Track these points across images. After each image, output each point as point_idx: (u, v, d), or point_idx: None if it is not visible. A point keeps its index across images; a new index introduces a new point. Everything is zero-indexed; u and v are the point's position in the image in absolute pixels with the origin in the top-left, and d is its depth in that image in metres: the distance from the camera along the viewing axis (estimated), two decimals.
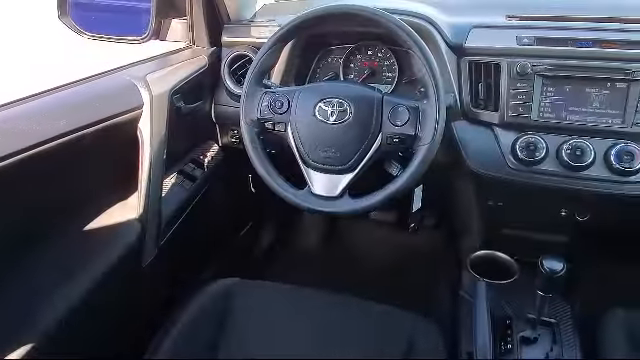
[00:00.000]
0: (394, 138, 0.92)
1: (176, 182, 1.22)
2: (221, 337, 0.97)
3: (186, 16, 1.28)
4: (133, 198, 1.07)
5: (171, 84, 1.11)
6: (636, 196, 0.96)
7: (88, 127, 0.90)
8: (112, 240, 1.01)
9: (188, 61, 1.23)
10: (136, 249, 1.05)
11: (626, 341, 0.92)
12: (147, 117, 1.03)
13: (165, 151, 1.09)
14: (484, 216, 1.27)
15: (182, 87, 1.15)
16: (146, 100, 1.02)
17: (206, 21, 1.27)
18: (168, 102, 1.09)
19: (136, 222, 1.04)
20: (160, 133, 1.07)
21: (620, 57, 0.96)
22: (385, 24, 0.90)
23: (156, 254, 1.11)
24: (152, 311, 1.13)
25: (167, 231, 1.16)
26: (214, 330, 0.98)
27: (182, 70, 1.19)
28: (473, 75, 1.05)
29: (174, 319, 0.98)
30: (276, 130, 0.99)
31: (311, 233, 1.92)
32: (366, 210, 0.94)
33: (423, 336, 0.96)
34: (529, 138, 1.00)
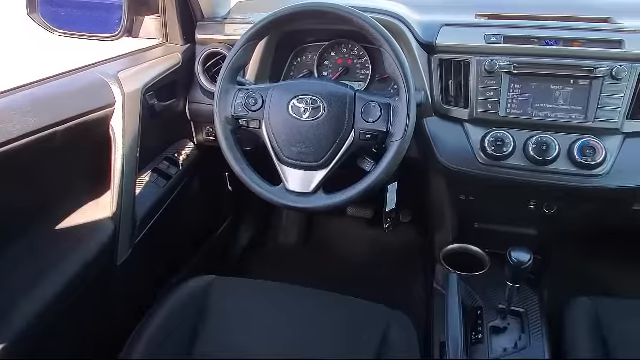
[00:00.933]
0: (366, 134, 0.93)
1: (150, 180, 1.21)
2: (198, 334, 0.97)
3: (159, 13, 1.27)
4: (106, 196, 1.06)
5: (144, 81, 1.11)
6: (597, 189, 1.00)
7: (58, 125, 0.88)
8: (85, 239, 1.00)
9: (161, 58, 1.22)
10: (110, 248, 1.04)
11: (589, 327, 0.96)
12: (119, 115, 1.02)
13: (138, 149, 1.08)
14: (456, 210, 1.30)
15: (155, 84, 1.15)
16: (118, 97, 1.01)
17: (179, 18, 1.26)
18: (141, 99, 1.09)
19: (109, 221, 1.04)
20: (133, 131, 1.06)
21: (582, 55, 1.00)
22: (356, 22, 0.92)
23: (130, 252, 1.10)
24: (128, 309, 1.12)
25: (142, 229, 1.15)
26: (190, 327, 0.98)
27: (155, 67, 1.18)
28: (443, 72, 1.07)
29: (150, 317, 0.98)
30: (250, 127, 0.99)
31: (289, 230, 1.93)
32: (340, 205, 0.95)
33: (397, 328, 0.98)
34: (497, 133, 1.02)
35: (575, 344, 0.95)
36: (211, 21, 1.29)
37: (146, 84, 1.11)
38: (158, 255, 1.31)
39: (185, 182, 1.33)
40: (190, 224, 1.49)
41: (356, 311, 1.04)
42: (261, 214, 1.89)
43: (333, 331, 0.99)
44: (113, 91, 1.01)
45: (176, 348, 0.94)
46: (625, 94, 0.97)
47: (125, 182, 1.05)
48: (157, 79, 1.16)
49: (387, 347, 0.95)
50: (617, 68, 0.96)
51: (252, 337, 0.98)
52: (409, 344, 0.96)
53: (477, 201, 1.22)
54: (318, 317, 1.02)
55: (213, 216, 1.67)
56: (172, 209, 1.27)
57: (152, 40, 1.32)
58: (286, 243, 1.90)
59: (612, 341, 0.95)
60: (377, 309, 1.03)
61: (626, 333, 0.96)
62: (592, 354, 0.93)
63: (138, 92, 1.08)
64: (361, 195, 0.94)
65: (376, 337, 0.97)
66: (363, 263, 1.75)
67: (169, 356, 0.93)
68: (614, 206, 1.14)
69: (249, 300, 1.06)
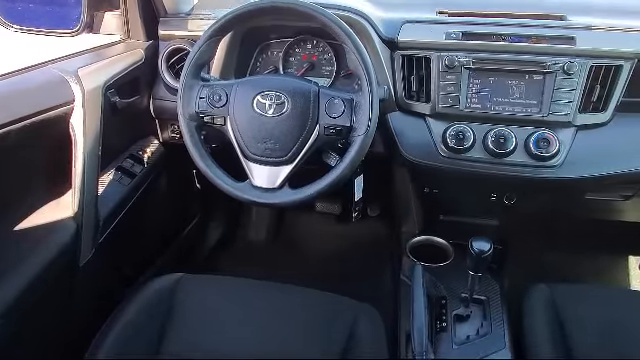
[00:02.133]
0: (331, 129, 0.95)
1: (114, 179, 1.19)
2: (166, 332, 0.97)
3: (120, 9, 1.25)
4: (67, 196, 1.03)
5: (105, 78, 1.08)
6: (552, 179, 1.04)
7: (14, 123, 0.86)
8: (45, 240, 0.98)
9: (123, 55, 1.20)
10: (72, 248, 1.02)
11: (546, 312, 1.01)
12: (79, 112, 0.99)
13: (100, 147, 1.06)
14: (422, 203, 1.33)
15: (117, 81, 1.13)
16: (78, 95, 0.99)
17: (141, 14, 1.24)
18: (102, 97, 1.06)
19: (71, 221, 1.01)
20: (94, 129, 1.04)
21: (537, 51, 1.04)
22: (318, 18, 0.93)
23: (94, 253, 1.08)
24: (93, 310, 1.10)
25: (106, 229, 1.13)
26: (159, 326, 0.98)
27: (117, 64, 1.16)
28: (406, 68, 1.10)
29: (116, 316, 0.97)
30: (215, 123, 0.99)
31: (259, 227, 1.93)
32: (306, 200, 0.96)
33: (364, 320, 1.00)
34: (458, 127, 1.05)
35: (534, 329, 0.99)
36: (174, 17, 1.28)
37: (107, 81, 1.09)
38: (124, 255, 1.29)
39: (151, 180, 1.31)
40: (157, 223, 1.48)
41: (324, 305, 1.05)
42: (230, 212, 1.88)
43: (301, 325, 1.00)
44: (72, 88, 0.99)
45: (144, 346, 0.94)
46: (577, 89, 1.01)
47: (87, 181, 1.03)
48: (119, 76, 1.14)
49: (355, 339, 0.96)
50: (569, 64, 1.00)
51: (220, 334, 0.98)
52: (376, 336, 0.98)
53: (441, 194, 1.26)
54: (286, 312, 1.03)
55: (181, 214, 1.65)
56: (137, 208, 1.25)
57: (114, 36, 1.30)
58: (256, 240, 1.90)
59: (568, 325, 0.99)
60: (345, 302, 1.04)
61: (581, 317, 1.01)
62: (550, 338, 0.97)
63: (99, 89, 1.06)
64: (326, 189, 0.95)
65: (344, 330, 0.98)
66: (332, 258, 1.77)
67: (137, 355, 0.92)
68: (569, 196, 1.19)
69: (217, 297, 1.06)
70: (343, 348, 0.95)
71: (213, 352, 0.94)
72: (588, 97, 1.03)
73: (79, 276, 1.06)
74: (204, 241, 1.80)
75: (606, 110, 1.03)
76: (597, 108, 1.04)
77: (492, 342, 1.06)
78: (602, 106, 1.03)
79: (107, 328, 0.95)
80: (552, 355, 0.94)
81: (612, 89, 1.02)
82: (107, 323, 0.96)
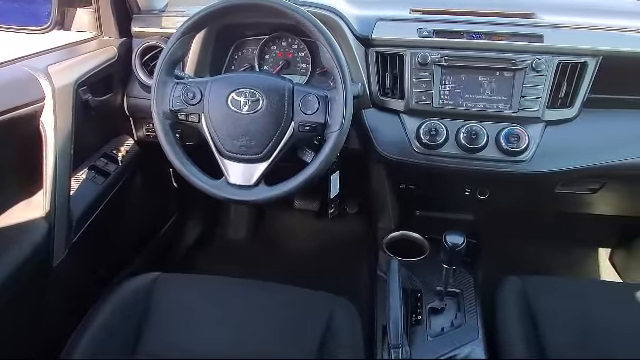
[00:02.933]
0: (306, 126, 0.95)
1: (87, 178, 1.17)
2: (142, 332, 0.96)
3: (92, 5, 1.23)
4: (38, 196, 1.02)
5: (76, 76, 1.07)
6: (522, 173, 1.07)
7: None
8: (16, 240, 0.96)
9: (95, 52, 1.19)
10: (44, 248, 1.00)
11: (518, 304, 1.03)
12: (50, 111, 0.98)
13: (72, 146, 1.05)
14: (397, 199, 1.35)
15: (89, 79, 1.11)
16: (48, 93, 0.98)
17: (114, 11, 1.23)
18: (73, 95, 1.05)
19: (43, 221, 1.00)
20: (65, 127, 1.02)
21: (507, 48, 1.06)
22: (292, 15, 0.93)
23: (68, 253, 1.07)
24: (68, 310, 1.09)
25: (79, 228, 1.11)
26: (135, 325, 0.97)
27: (89, 61, 1.15)
28: (380, 65, 1.11)
29: (92, 316, 0.96)
30: (189, 121, 0.99)
31: (237, 225, 1.93)
32: (281, 197, 0.97)
33: (341, 315, 1.01)
34: (431, 124, 1.07)
35: (506, 320, 1.02)
36: (148, 14, 1.26)
37: (79, 79, 1.07)
38: (99, 255, 1.28)
39: (125, 179, 1.30)
40: (133, 222, 1.46)
41: (301, 300, 1.06)
42: (208, 210, 1.87)
43: (278, 321, 1.01)
44: (42, 86, 0.97)
45: (120, 347, 0.93)
46: (545, 85, 1.04)
47: (59, 180, 1.02)
48: (91, 73, 1.12)
49: (331, 333, 0.97)
50: (537, 61, 1.03)
51: (197, 333, 0.98)
52: (353, 330, 0.99)
53: (417, 189, 1.27)
54: (263, 308, 1.03)
55: (158, 213, 1.63)
56: (112, 207, 1.24)
57: (86, 34, 1.28)
58: (234, 238, 1.89)
59: (539, 316, 1.02)
60: (322, 297, 1.05)
61: (551, 308, 1.03)
62: (522, 329, 0.99)
63: (70, 87, 1.05)
64: (302, 186, 0.96)
65: (321, 324, 0.99)
66: (311, 254, 1.78)
67: (112, 355, 0.91)
68: (539, 189, 1.22)
69: (194, 296, 1.06)
70: (320, 342, 0.96)
71: (190, 351, 0.94)
72: (556, 93, 1.06)
73: (52, 277, 1.04)
74: (182, 240, 1.79)
75: (573, 106, 1.06)
76: (564, 104, 1.06)
77: (466, 333, 1.08)
78: (569, 102, 1.06)
79: (82, 328, 0.94)
80: (524, 343, 0.96)
81: (578, 85, 1.05)
82: (82, 323, 0.95)
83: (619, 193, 1.31)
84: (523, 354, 0.95)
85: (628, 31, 1.09)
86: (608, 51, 1.04)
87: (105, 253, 1.32)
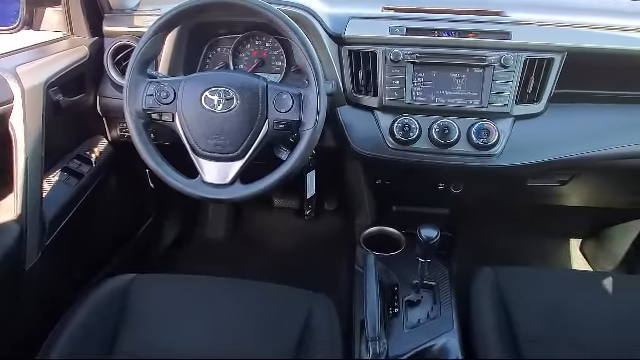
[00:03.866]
0: (280, 124, 0.96)
1: (60, 180, 1.16)
2: (119, 333, 0.96)
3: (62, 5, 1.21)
4: (9, 199, 1.00)
5: (46, 76, 1.05)
6: (493, 167, 1.09)
7: None
8: None
9: (66, 52, 1.17)
10: (16, 252, 0.99)
11: (490, 293, 1.06)
12: (19, 112, 0.96)
13: (43, 147, 1.03)
14: (374, 195, 1.36)
15: (60, 79, 1.10)
16: (17, 93, 0.96)
17: (84, 10, 1.21)
18: (43, 95, 1.03)
19: (14, 224, 0.98)
20: (36, 129, 1.01)
21: (476, 45, 1.09)
22: (264, 14, 0.93)
23: (41, 256, 1.05)
24: (42, 313, 1.07)
25: (53, 231, 1.10)
26: (111, 326, 0.97)
27: (59, 61, 1.13)
28: (353, 63, 1.12)
29: (68, 318, 0.96)
30: (163, 120, 0.98)
31: (216, 225, 1.92)
32: (257, 195, 0.97)
33: (319, 310, 1.02)
34: (404, 120, 1.09)
35: (480, 310, 1.04)
36: (119, 13, 1.25)
37: (49, 79, 1.06)
38: (74, 257, 1.26)
39: (100, 180, 1.28)
40: (109, 224, 1.44)
41: (279, 297, 1.07)
42: (186, 210, 1.86)
43: (257, 318, 1.01)
44: (11, 87, 0.96)
45: (96, 347, 0.93)
46: (513, 81, 1.07)
47: (30, 183, 1.00)
48: (62, 73, 1.11)
49: (310, 329, 0.99)
50: (505, 57, 1.06)
51: (175, 332, 0.98)
52: (331, 325, 1.00)
53: (393, 185, 1.29)
54: (241, 306, 1.04)
55: (135, 214, 1.62)
56: (87, 209, 1.22)
57: (56, 33, 1.26)
58: (213, 238, 1.89)
59: (511, 305, 1.05)
60: (300, 294, 1.06)
61: (523, 297, 1.07)
62: (494, 318, 1.02)
63: (40, 87, 1.03)
64: (278, 184, 0.96)
65: (299, 321, 1.00)
66: (291, 252, 1.79)
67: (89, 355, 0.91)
68: (511, 183, 1.26)
69: (171, 295, 1.06)
70: (298, 339, 0.97)
71: (167, 351, 0.94)
72: (524, 89, 1.09)
73: (25, 280, 1.03)
74: (160, 241, 1.77)
75: (540, 101, 1.09)
76: (532, 99, 1.09)
77: (441, 324, 1.10)
78: (537, 97, 1.09)
79: (58, 330, 0.93)
80: (497, 332, 0.99)
81: (545, 81, 1.08)
82: (58, 325, 0.94)
83: (587, 185, 1.35)
84: (496, 343, 0.97)
85: (592, 28, 1.12)
86: (572, 47, 1.07)
87: (81, 255, 1.30)
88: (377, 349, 0.99)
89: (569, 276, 1.26)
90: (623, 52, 1.10)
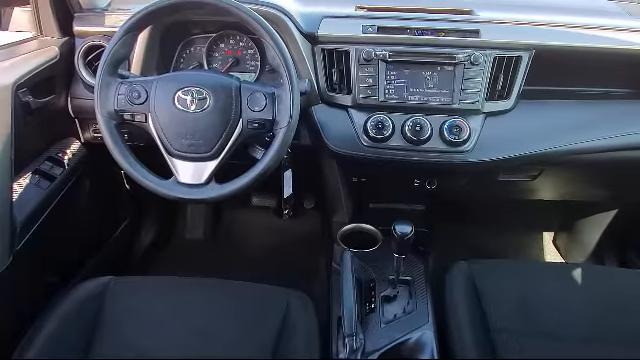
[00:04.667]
0: (254, 123, 0.96)
1: (31, 182, 1.13)
2: (95, 335, 0.95)
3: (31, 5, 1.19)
4: None
5: (14, 77, 1.03)
6: (465, 163, 1.12)
7: None
8: None
9: (35, 52, 1.15)
10: None
11: (465, 287, 1.08)
12: None
13: (13, 150, 1.01)
14: (350, 192, 1.37)
15: (29, 80, 1.08)
16: None
17: (54, 10, 1.19)
18: (12, 97, 1.01)
19: None
20: (4, 130, 0.99)
21: (446, 44, 1.11)
22: (236, 13, 0.93)
23: (12, 261, 1.03)
24: (15, 318, 1.06)
25: (24, 234, 1.08)
26: (86, 329, 0.96)
27: (28, 62, 1.11)
28: (327, 62, 1.13)
29: (41, 324, 0.94)
30: (136, 121, 0.98)
31: (195, 225, 1.91)
32: (233, 194, 0.97)
33: (296, 307, 1.03)
34: (378, 117, 1.10)
35: (454, 303, 1.06)
36: (90, 13, 1.24)
37: (18, 80, 1.04)
38: (48, 261, 1.24)
39: (73, 183, 1.26)
40: (84, 226, 1.42)
41: (257, 295, 1.07)
42: (164, 212, 1.85)
43: (235, 317, 1.02)
44: None
45: (71, 351, 0.92)
46: (483, 78, 1.09)
47: None
48: (31, 74, 1.09)
49: (288, 326, 0.99)
50: (475, 55, 1.08)
51: (152, 333, 0.98)
52: (308, 321, 1.01)
53: (368, 182, 1.31)
54: (219, 305, 1.04)
55: (111, 216, 1.60)
56: (60, 212, 1.20)
57: (25, 33, 1.24)
58: (192, 239, 1.88)
59: (485, 298, 1.07)
60: (278, 291, 1.07)
61: (496, 289, 1.09)
62: (468, 311, 1.04)
63: (9, 89, 1.01)
64: (253, 183, 0.97)
65: (277, 318, 1.01)
66: (270, 251, 1.79)
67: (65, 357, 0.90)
68: (483, 178, 1.28)
69: (148, 297, 1.05)
70: (276, 335, 0.98)
71: (145, 352, 0.94)
72: (494, 86, 1.11)
73: None
74: (138, 243, 1.76)
75: (510, 98, 1.12)
76: (502, 96, 1.12)
77: (417, 318, 1.12)
78: (506, 94, 1.12)
79: (31, 336, 0.92)
80: (470, 325, 1.01)
81: (514, 78, 1.11)
82: (31, 331, 0.93)
83: (557, 179, 1.39)
84: (470, 335, 0.99)
85: (558, 26, 1.16)
86: (539, 45, 1.10)
87: (55, 259, 1.28)
88: (354, 345, 1.00)
89: (541, 268, 1.29)
90: (588, 50, 1.13)
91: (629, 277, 1.14)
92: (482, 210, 1.72)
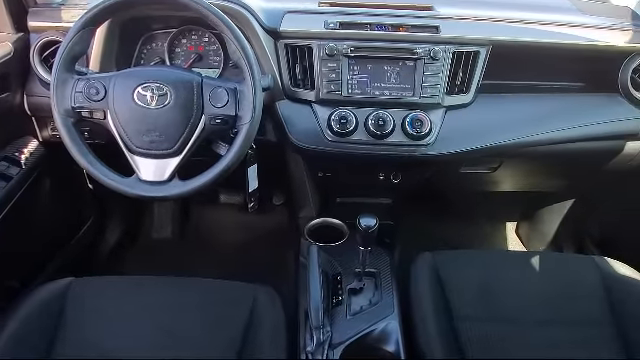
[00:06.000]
0: (217, 119, 0.95)
1: None
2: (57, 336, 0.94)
3: None
4: None
5: None
6: (427, 156, 1.14)
7: None
8: None
9: None
10: None
11: (429, 277, 1.11)
12: None
13: None
14: (317, 187, 1.38)
15: None
16: None
17: (6, 4, 1.15)
18: None
19: None
20: None
21: (407, 39, 1.13)
22: (194, 8, 0.93)
23: None
24: None
25: None
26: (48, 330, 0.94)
27: None
28: (290, 57, 1.13)
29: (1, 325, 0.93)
30: (94, 118, 0.96)
31: (163, 224, 1.89)
32: (196, 190, 0.96)
33: (263, 302, 1.04)
34: (341, 112, 1.11)
35: (418, 293, 1.09)
36: (45, 7, 1.20)
37: None
38: (7, 264, 1.21)
39: (31, 183, 1.23)
40: (45, 227, 1.39)
41: (224, 292, 1.07)
42: (129, 211, 1.81)
43: (201, 314, 1.01)
44: None
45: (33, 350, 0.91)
46: (443, 73, 1.12)
47: None
48: None
49: (254, 320, 1.00)
50: (434, 50, 1.10)
51: (116, 333, 0.97)
52: (275, 315, 1.02)
53: (334, 177, 1.32)
54: (186, 304, 1.04)
55: (73, 216, 1.56)
56: (18, 213, 1.17)
57: None
58: (160, 238, 1.85)
59: (447, 286, 1.11)
60: (244, 287, 1.07)
61: (459, 278, 1.12)
62: (432, 300, 1.07)
63: None
64: (216, 179, 0.96)
65: (244, 313, 1.01)
66: (239, 247, 1.79)
67: None
68: (445, 171, 1.31)
69: (111, 297, 1.04)
70: (243, 330, 0.98)
71: (110, 352, 0.93)
72: (453, 80, 1.14)
73: None
74: (103, 243, 1.72)
75: (469, 92, 1.15)
76: (461, 90, 1.15)
77: (382, 309, 1.14)
78: (465, 88, 1.15)
79: None
80: (434, 313, 1.04)
81: (472, 73, 1.14)
82: None
83: (516, 170, 1.43)
84: (434, 323, 1.02)
85: (514, 22, 1.19)
86: (496, 40, 1.14)
87: (14, 262, 1.25)
88: (321, 337, 1.01)
89: (502, 257, 1.33)
90: (543, 45, 1.17)
91: (583, 263, 1.18)
92: (447, 202, 1.76)
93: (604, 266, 1.16)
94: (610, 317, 1.05)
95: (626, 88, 1.20)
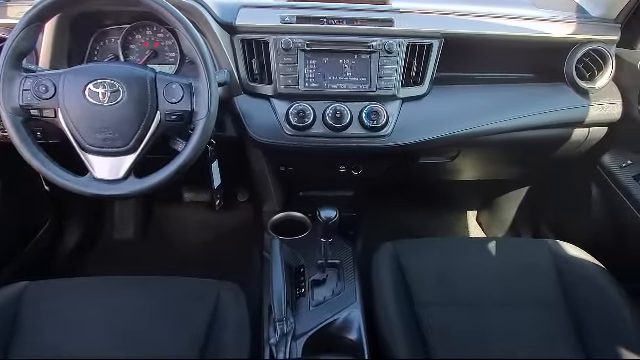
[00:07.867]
0: (172, 115, 0.95)
1: None
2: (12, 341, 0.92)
3: None
4: None
5: None
6: (385, 147, 1.16)
7: None
8: None
9: None
10: None
11: (390, 265, 1.14)
12: None
13: None
14: (279, 181, 1.39)
15: None
16: None
17: None
18: None
19: None
20: None
21: (362, 32, 1.14)
22: (146, 3, 0.91)
23: None
24: None
25: None
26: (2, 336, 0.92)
27: None
28: (246, 52, 1.13)
29: None
30: (44, 117, 0.93)
31: (125, 224, 1.85)
32: (153, 188, 0.95)
33: (227, 297, 1.04)
34: (299, 106, 1.12)
35: (380, 281, 1.12)
36: None
37: None
38: None
39: None
40: None
41: (187, 289, 1.07)
42: (88, 212, 1.77)
43: (164, 312, 1.01)
44: None
45: None
46: (397, 65, 1.14)
47: None
48: None
49: (218, 315, 1.00)
50: (389, 43, 1.12)
51: (74, 336, 0.95)
52: (239, 312, 1.02)
53: (296, 171, 1.32)
54: (147, 303, 1.03)
55: (28, 219, 1.51)
56: None
57: None
58: (122, 238, 1.82)
59: (408, 274, 1.14)
60: (207, 283, 1.07)
61: (418, 265, 1.16)
62: (393, 287, 1.10)
63: None
64: (173, 175, 0.95)
65: (208, 308, 1.01)
66: (204, 245, 1.78)
67: None
68: (404, 161, 1.34)
69: (70, 300, 1.02)
70: (207, 325, 0.98)
71: (66, 354, 0.91)
72: (408, 72, 1.16)
73: None
74: (62, 246, 1.68)
75: (423, 84, 1.17)
76: (416, 82, 1.17)
77: (345, 299, 1.16)
78: (420, 80, 1.17)
79: None
80: (395, 300, 1.07)
81: (427, 65, 1.17)
82: None
83: (474, 159, 1.48)
84: (395, 310, 1.05)
85: (466, 15, 1.22)
86: (448, 33, 1.17)
87: None
88: (284, 329, 1.02)
89: (460, 243, 1.38)
90: (494, 37, 1.21)
91: (537, 246, 1.23)
92: (409, 193, 1.80)
93: (556, 249, 1.21)
94: (562, 299, 1.10)
95: (572, 78, 1.26)
